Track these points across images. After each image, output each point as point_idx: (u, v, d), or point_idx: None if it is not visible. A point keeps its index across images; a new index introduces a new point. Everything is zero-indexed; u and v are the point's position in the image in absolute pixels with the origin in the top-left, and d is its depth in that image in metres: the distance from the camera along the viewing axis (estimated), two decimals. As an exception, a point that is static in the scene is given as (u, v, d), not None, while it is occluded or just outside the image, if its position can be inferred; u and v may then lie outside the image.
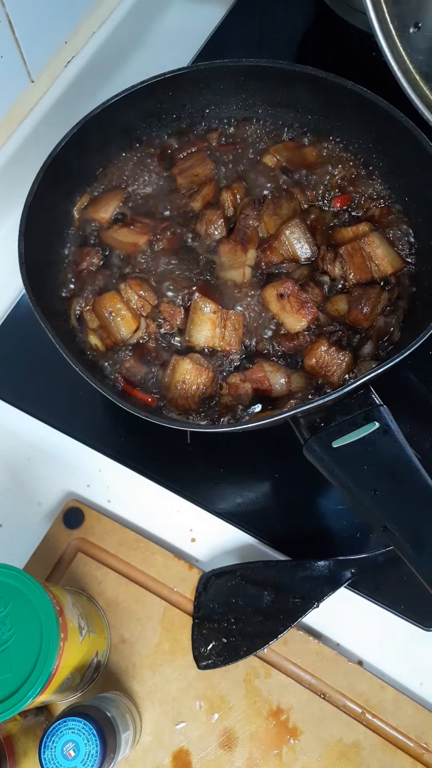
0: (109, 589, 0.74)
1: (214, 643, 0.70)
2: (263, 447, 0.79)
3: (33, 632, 0.55)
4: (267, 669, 0.71)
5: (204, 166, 0.81)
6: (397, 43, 0.69)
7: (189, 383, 0.71)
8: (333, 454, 0.62)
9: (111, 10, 0.97)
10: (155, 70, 0.77)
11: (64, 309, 0.76)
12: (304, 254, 0.76)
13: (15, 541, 0.78)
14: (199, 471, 0.80)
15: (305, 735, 0.69)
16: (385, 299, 0.74)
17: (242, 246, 0.76)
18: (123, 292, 0.74)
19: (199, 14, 1.04)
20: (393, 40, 0.69)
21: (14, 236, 0.69)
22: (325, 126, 0.82)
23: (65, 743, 0.57)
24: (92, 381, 0.65)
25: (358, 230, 0.76)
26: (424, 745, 0.69)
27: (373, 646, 0.74)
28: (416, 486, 0.60)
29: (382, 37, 0.69)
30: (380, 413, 0.63)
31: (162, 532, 0.79)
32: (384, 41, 0.69)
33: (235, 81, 0.80)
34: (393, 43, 0.69)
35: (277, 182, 0.81)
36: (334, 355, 0.71)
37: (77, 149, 0.75)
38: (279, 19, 1.04)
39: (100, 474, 0.81)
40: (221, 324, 0.73)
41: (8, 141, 0.88)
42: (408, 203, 0.78)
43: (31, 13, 0.82)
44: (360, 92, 0.74)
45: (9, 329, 0.87)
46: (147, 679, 0.71)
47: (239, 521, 0.78)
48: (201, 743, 0.69)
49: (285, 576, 0.71)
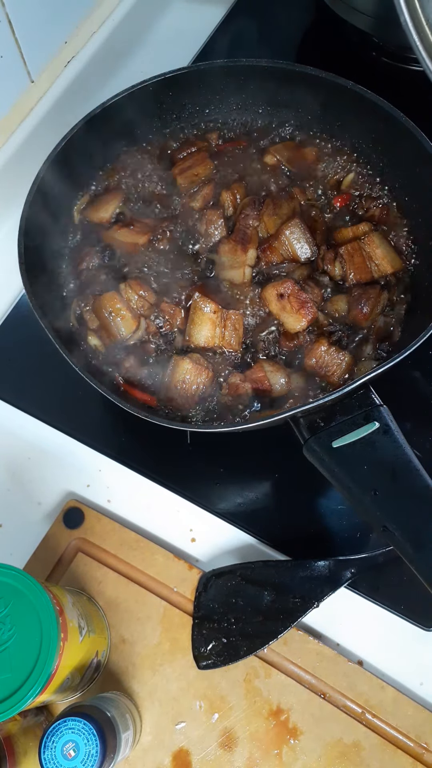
0: (109, 589, 0.74)
1: (214, 643, 0.70)
2: (263, 447, 0.79)
3: (33, 632, 0.55)
4: (267, 669, 0.71)
5: (204, 166, 0.81)
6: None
7: (189, 383, 0.71)
8: (333, 454, 0.62)
9: (111, 10, 0.97)
10: (155, 70, 0.77)
11: (64, 309, 0.76)
12: (304, 254, 0.76)
13: (15, 541, 0.78)
14: (199, 471, 0.80)
15: (305, 735, 0.69)
16: (385, 299, 0.74)
17: (242, 246, 0.76)
18: (123, 292, 0.74)
19: (199, 14, 1.04)
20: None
21: (14, 236, 0.69)
22: (325, 126, 0.82)
23: (65, 743, 0.57)
24: (92, 381, 0.65)
25: (358, 230, 0.76)
26: (424, 745, 0.69)
27: (373, 646, 0.74)
28: (416, 486, 0.60)
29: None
30: (380, 413, 0.63)
31: (162, 532, 0.79)
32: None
33: (235, 81, 0.80)
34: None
35: (277, 182, 0.81)
36: (334, 355, 0.71)
37: (77, 149, 0.75)
38: (279, 19, 1.04)
39: (100, 474, 0.81)
40: (221, 324, 0.73)
41: (8, 141, 0.88)
42: (408, 203, 0.78)
43: (31, 13, 0.82)
44: (360, 92, 0.74)
45: (9, 329, 0.87)
46: (147, 679, 0.71)
47: (239, 521, 0.78)
48: (201, 743, 0.69)
49: (285, 576, 0.71)
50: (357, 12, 0.88)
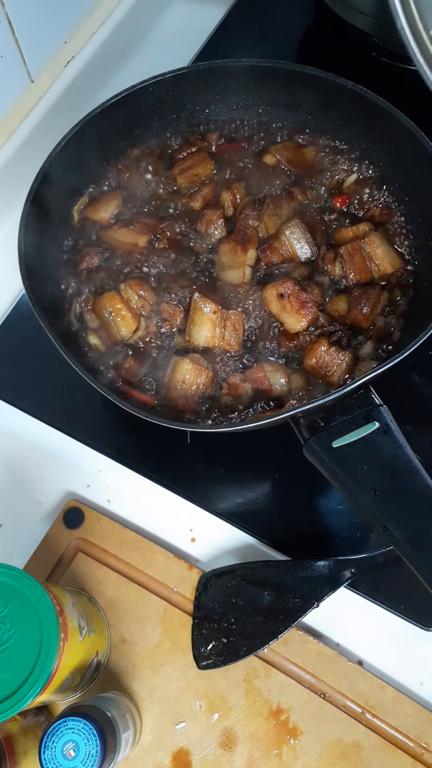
0: (109, 589, 0.74)
1: (214, 643, 0.70)
2: (263, 447, 0.79)
3: (33, 632, 0.55)
4: (267, 669, 0.71)
5: (204, 166, 0.81)
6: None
7: (189, 383, 0.71)
8: (333, 454, 0.62)
9: (111, 10, 0.97)
10: (155, 70, 0.77)
11: (64, 309, 0.76)
12: (304, 254, 0.76)
13: (15, 541, 0.78)
14: (199, 471, 0.80)
15: (305, 735, 0.69)
16: (385, 299, 0.74)
17: (242, 246, 0.76)
18: (123, 292, 0.74)
19: (199, 14, 1.04)
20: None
21: (14, 236, 0.69)
22: (325, 126, 0.82)
23: (65, 743, 0.57)
24: (92, 381, 0.65)
25: (358, 230, 0.76)
26: (424, 745, 0.69)
27: (373, 646, 0.74)
28: (416, 486, 0.60)
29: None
30: (380, 413, 0.63)
31: (162, 532, 0.79)
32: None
33: (235, 81, 0.80)
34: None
35: (277, 182, 0.81)
36: (334, 355, 0.71)
37: (77, 149, 0.75)
38: (279, 19, 1.04)
39: (100, 474, 0.81)
40: (221, 324, 0.73)
41: (8, 141, 0.88)
42: (408, 203, 0.78)
43: (31, 13, 0.82)
44: (360, 92, 0.74)
45: (9, 329, 0.87)
46: (147, 679, 0.71)
47: (239, 521, 0.78)
48: (201, 743, 0.69)
49: (285, 576, 0.71)
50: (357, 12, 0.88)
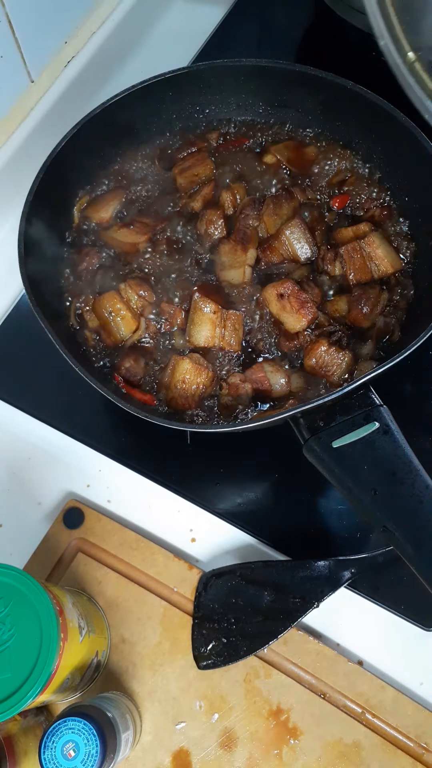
0: (109, 589, 0.74)
1: (214, 643, 0.70)
2: (263, 447, 0.79)
3: (33, 632, 0.55)
4: (267, 669, 0.71)
5: (204, 166, 0.81)
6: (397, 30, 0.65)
7: (189, 383, 0.71)
8: (333, 454, 0.62)
9: (111, 10, 0.97)
10: (155, 70, 0.77)
11: (64, 309, 0.76)
12: (304, 254, 0.76)
13: (15, 541, 0.78)
14: (199, 471, 0.80)
15: (305, 735, 0.69)
16: (385, 299, 0.74)
17: (242, 246, 0.76)
18: (123, 292, 0.74)
19: (199, 14, 1.04)
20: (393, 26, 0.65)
21: (14, 236, 0.69)
22: (324, 126, 0.82)
23: (65, 743, 0.57)
24: (92, 381, 0.65)
25: (358, 230, 0.76)
26: (424, 745, 0.69)
27: (373, 646, 0.74)
28: (416, 486, 0.60)
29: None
30: (380, 413, 0.63)
31: (162, 532, 0.79)
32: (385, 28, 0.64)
33: (235, 81, 0.80)
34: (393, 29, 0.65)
35: (277, 182, 0.81)
36: (334, 355, 0.71)
37: (77, 149, 0.75)
38: (279, 19, 1.04)
39: (100, 474, 0.81)
40: (221, 324, 0.73)
41: (8, 141, 0.88)
42: (408, 203, 0.78)
43: (31, 13, 0.82)
44: (360, 92, 0.74)
45: (9, 329, 0.87)
46: (147, 679, 0.71)
47: (239, 521, 0.78)
48: (201, 743, 0.69)
49: (285, 576, 0.71)
50: (357, 12, 0.88)
